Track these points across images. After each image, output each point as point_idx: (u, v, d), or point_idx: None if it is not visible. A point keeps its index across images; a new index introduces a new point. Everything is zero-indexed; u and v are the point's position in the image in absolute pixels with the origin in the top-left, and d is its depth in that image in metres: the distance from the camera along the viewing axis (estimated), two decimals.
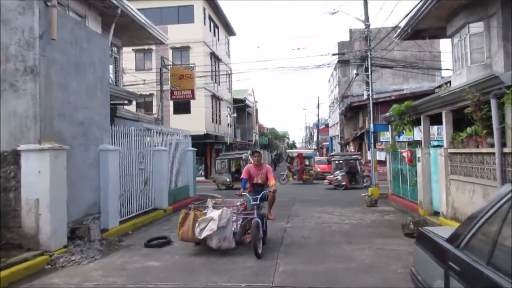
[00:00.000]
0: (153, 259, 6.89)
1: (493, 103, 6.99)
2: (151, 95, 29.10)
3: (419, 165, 11.51)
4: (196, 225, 7.04)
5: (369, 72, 16.30)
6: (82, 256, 6.91)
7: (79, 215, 8.06)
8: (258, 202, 7.34)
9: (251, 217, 7.23)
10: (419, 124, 11.78)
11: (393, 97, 25.95)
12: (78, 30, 8.47)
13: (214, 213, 7.04)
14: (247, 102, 39.84)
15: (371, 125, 16.11)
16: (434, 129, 28.74)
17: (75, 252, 7.00)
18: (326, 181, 21.47)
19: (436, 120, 11.70)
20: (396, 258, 6.70)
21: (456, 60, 13.88)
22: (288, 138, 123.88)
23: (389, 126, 15.90)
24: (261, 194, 7.41)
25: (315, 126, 65.50)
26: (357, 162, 21.60)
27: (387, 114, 15.72)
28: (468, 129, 8.31)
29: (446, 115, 9.70)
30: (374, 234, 8.76)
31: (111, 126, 9.92)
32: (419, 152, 11.50)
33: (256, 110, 54.05)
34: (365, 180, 20.79)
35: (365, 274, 5.86)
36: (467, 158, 8.43)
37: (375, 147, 16.68)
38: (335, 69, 37.80)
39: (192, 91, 16.83)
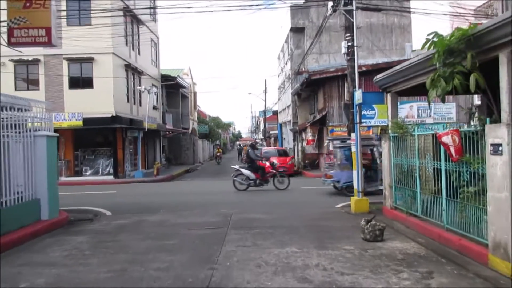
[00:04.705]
0: None
1: None
2: (36, 60, 20.81)
3: (495, 162, 5.20)
4: None
5: (353, 7, 9.79)
6: None
7: None
8: None
9: None
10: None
11: (364, 68, 20.11)
12: None
13: None
14: (179, 80, 32.29)
15: (357, 93, 9.61)
16: (413, 109, 23.03)
17: None
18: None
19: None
20: None
21: None
22: (234, 128, 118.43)
23: (386, 95, 9.58)
24: None
25: (261, 114, 59.44)
26: None
27: (407, 63, 9.34)
28: None
29: None
30: None
31: None
32: (496, 134, 5.17)
33: (195, 94, 46.45)
34: None
35: None
36: None
37: (358, 129, 10.27)
38: (286, 41, 31.29)
39: (48, 30, 8.69)
